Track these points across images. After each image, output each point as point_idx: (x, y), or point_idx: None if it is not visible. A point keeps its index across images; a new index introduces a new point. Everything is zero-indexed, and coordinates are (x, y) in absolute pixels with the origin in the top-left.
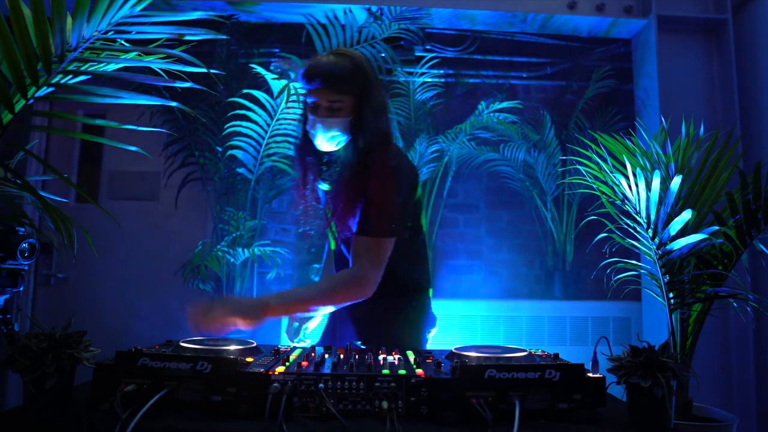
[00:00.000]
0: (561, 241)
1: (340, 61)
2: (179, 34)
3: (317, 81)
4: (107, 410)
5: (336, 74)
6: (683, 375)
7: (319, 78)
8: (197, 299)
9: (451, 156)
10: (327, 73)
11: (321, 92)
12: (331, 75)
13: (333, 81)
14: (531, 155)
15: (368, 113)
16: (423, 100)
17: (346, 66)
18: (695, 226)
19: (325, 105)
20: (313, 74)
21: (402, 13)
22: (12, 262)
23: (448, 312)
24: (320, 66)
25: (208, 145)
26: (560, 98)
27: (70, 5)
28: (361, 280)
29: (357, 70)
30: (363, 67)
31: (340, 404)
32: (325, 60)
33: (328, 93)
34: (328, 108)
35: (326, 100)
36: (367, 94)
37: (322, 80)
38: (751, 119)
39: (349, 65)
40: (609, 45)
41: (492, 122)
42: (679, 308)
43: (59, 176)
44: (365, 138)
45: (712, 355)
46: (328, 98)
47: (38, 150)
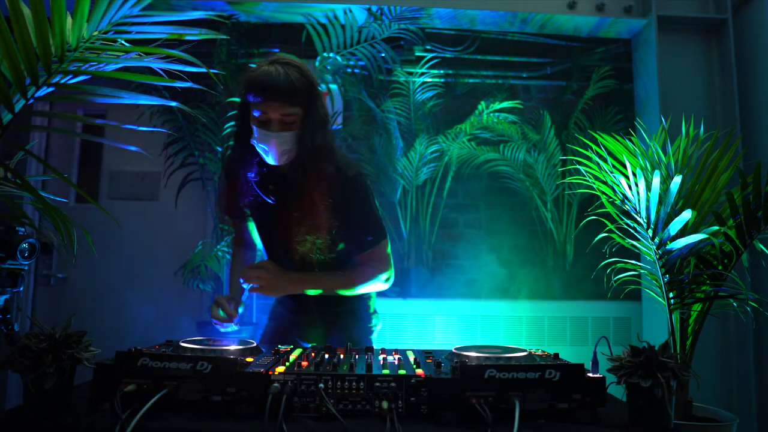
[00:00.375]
0: (561, 241)
1: (291, 73)
2: (179, 34)
3: (271, 94)
4: (107, 410)
5: (289, 87)
6: (683, 375)
7: (273, 91)
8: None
9: (451, 156)
10: (281, 85)
11: (274, 105)
12: (285, 88)
13: (287, 94)
14: (531, 155)
15: (317, 123)
16: (423, 100)
17: (297, 77)
18: (695, 226)
19: (277, 119)
20: (265, 87)
21: (402, 13)
22: (12, 262)
23: (448, 312)
24: (272, 78)
25: (208, 145)
26: (560, 98)
27: (70, 5)
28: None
29: (307, 81)
30: (311, 77)
31: (340, 404)
32: (274, 71)
33: (282, 106)
34: (281, 122)
35: (279, 113)
36: (314, 104)
37: (276, 93)
38: (751, 119)
39: (299, 76)
40: (609, 45)
41: (492, 122)
42: (679, 308)
43: (59, 176)
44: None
45: (712, 355)
46: (281, 112)
47: (38, 150)
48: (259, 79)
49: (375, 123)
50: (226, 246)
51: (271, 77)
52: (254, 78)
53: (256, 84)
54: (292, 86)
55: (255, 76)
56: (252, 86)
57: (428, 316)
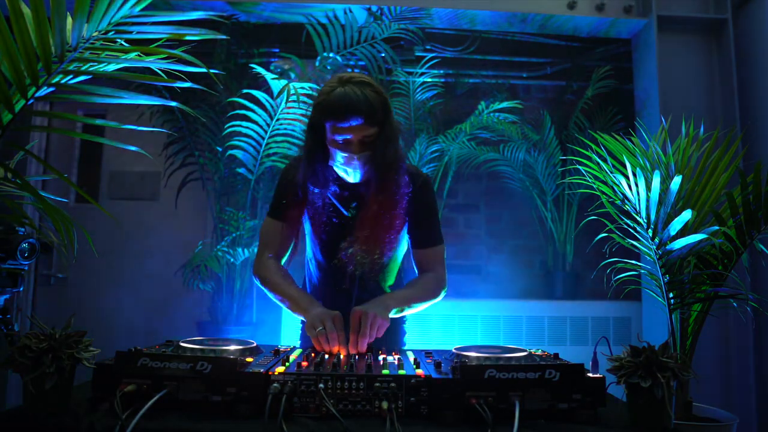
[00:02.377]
0: (561, 241)
1: (369, 94)
2: (179, 34)
3: (356, 118)
4: (107, 410)
5: (371, 109)
6: (683, 375)
7: (358, 115)
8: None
9: (451, 156)
10: (365, 109)
11: (357, 129)
12: (368, 111)
13: (370, 117)
14: (531, 155)
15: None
16: (423, 100)
17: (374, 96)
18: (695, 226)
19: (358, 140)
20: (350, 112)
21: (402, 13)
22: (12, 262)
23: (448, 312)
24: (352, 101)
25: (208, 145)
26: (560, 98)
27: (70, 5)
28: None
29: (381, 98)
30: (383, 93)
31: (340, 404)
32: (353, 94)
33: (363, 128)
34: (362, 142)
35: (361, 135)
36: (389, 120)
37: (360, 117)
38: (751, 119)
39: (376, 96)
40: (609, 45)
41: (492, 122)
42: (679, 308)
43: (59, 176)
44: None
45: (712, 355)
46: (363, 133)
47: (38, 150)
48: (338, 103)
49: None
50: (226, 246)
51: (350, 100)
52: (333, 102)
53: (335, 108)
54: (371, 107)
55: (334, 101)
56: (332, 110)
57: (428, 316)
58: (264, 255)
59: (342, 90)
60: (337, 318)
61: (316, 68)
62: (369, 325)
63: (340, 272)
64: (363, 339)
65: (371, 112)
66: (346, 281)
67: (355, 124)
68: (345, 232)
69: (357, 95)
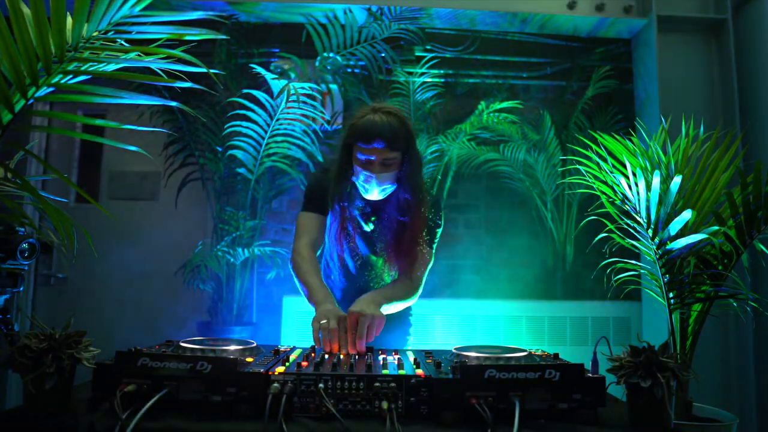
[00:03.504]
0: (561, 241)
1: (393, 122)
2: (179, 34)
3: (379, 142)
4: (107, 410)
5: (393, 136)
6: (683, 375)
7: (381, 139)
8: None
9: (451, 156)
10: (387, 135)
11: (379, 151)
12: (390, 137)
13: (391, 142)
14: (531, 155)
15: (413, 165)
16: (423, 100)
17: (399, 126)
18: (695, 226)
19: (379, 161)
20: (375, 136)
21: (402, 13)
22: (12, 262)
23: (449, 312)
24: (379, 128)
25: (208, 145)
26: (560, 98)
27: (70, 5)
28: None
29: (406, 129)
30: (409, 125)
31: (340, 404)
32: (379, 120)
33: (385, 152)
34: (382, 164)
35: (382, 157)
36: (412, 148)
37: (383, 141)
38: (751, 119)
39: (400, 125)
40: (609, 45)
41: (492, 122)
42: (679, 308)
43: (59, 176)
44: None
45: (712, 355)
46: (384, 156)
47: (38, 150)
48: (366, 127)
49: None
50: (226, 246)
51: (376, 126)
52: (362, 127)
53: (362, 132)
54: (394, 134)
55: (362, 125)
56: (359, 134)
57: (428, 316)
58: (299, 243)
59: (371, 117)
60: (342, 319)
61: (316, 68)
62: (367, 327)
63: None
64: (360, 340)
65: (393, 138)
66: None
67: (377, 146)
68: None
69: (383, 122)
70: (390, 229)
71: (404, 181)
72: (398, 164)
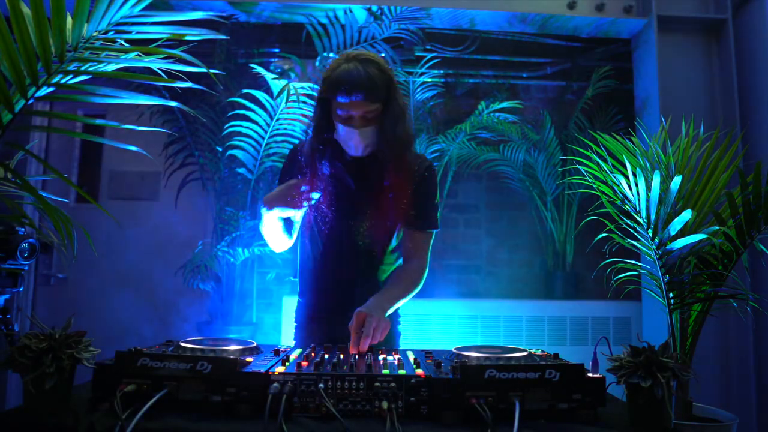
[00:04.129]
0: (561, 241)
1: (371, 70)
2: (179, 34)
3: (357, 95)
4: (107, 410)
5: (373, 86)
6: (683, 375)
7: (359, 92)
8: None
9: (451, 156)
10: (365, 86)
11: (358, 104)
12: (369, 87)
13: (370, 93)
14: (531, 155)
15: (395, 115)
16: (423, 100)
17: (377, 74)
18: (695, 226)
19: (360, 115)
20: (352, 89)
21: (402, 13)
22: (12, 262)
23: (449, 312)
24: (353, 77)
25: (208, 145)
26: (560, 98)
27: (70, 5)
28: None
29: (386, 76)
30: (388, 71)
31: (340, 404)
32: (355, 71)
33: (365, 104)
34: (363, 117)
35: (362, 110)
36: (393, 97)
37: (361, 94)
38: (751, 119)
39: (379, 72)
40: (609, 45)
41: (492, 122)
42: (679, 308)
43: (59, 176)
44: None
45: (712, 355)
46: (364, 109)
47: (38, 150)
48: (340, 78)
49: None
50: (226, 246)
51: (352, 76)
52: (336, 78)
53: (338, 84)
54: (373, 84)
55: (336, 77)
56: (334, 86)
57: (428, 316)
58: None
59: (346, 66)
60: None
61: (316, 68)
62: (373, 328)
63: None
64: (366, 339)
65: (372, 89)
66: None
67: (356, 100)
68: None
69: (359, 72)
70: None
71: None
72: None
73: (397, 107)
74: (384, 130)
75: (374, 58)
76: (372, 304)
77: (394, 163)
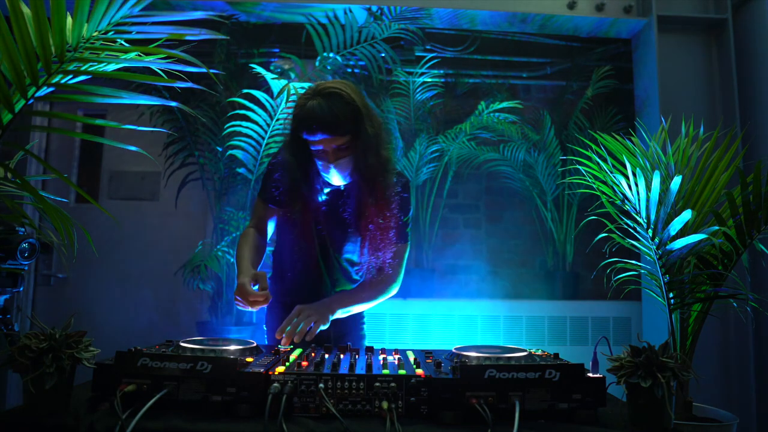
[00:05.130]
0: (561, 241)
1: (334, 104)
2: (179, 34)
3: (323, 132)
4: (107, 410)
5: (336, 122)
6: (683, 375)
7: (324, 130)
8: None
9: (451, 156)
10: (328, 123)
11: (327, 140)
12: (333, 124)
13: (336, 129)
14: (531, 155)
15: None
16: (423, 100)
17: (340, 107)
18: (695, 226)
19: (331, 150)
20: (315, 126)
21: (402, 13)
22: (12, 262)
23: (448, 312)
24: (318, 116)
25: (208, 145)
26: (560, 98)
27: (70, 5)
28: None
29: (351, 108)
30: (354, 101)
31: (340, 404)
32: (318, 108)
33: (333, 140)
34: (335, 152)
35: (332, 146)
36: (361, 126)
37: (326, 131)
38: (751, 119)
39: (342, 105)
40: (609, 45)
41: (492, 122)
42: (679, 308)
43: (59, 176)
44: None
45: (712, 355)
46: (333, 144)
47: (38, 150)
48: (306, 117)
49: None
50: (226, 246)
51: (315, 114)
52: (302, 116)
53: (304, 122)
54: (335, 119)
55: (303, 115)
56: (301, 124)
57: (428, 316)
58: (249, 225)
59: (311, 104)
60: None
61: (316, 68)
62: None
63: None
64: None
65: (337, 125)
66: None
67: (322, 137)
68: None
69: (323, 110)
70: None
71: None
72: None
73: (367, 136)
74: (357, 159)
75: (339, 89)
76: (318, 302)
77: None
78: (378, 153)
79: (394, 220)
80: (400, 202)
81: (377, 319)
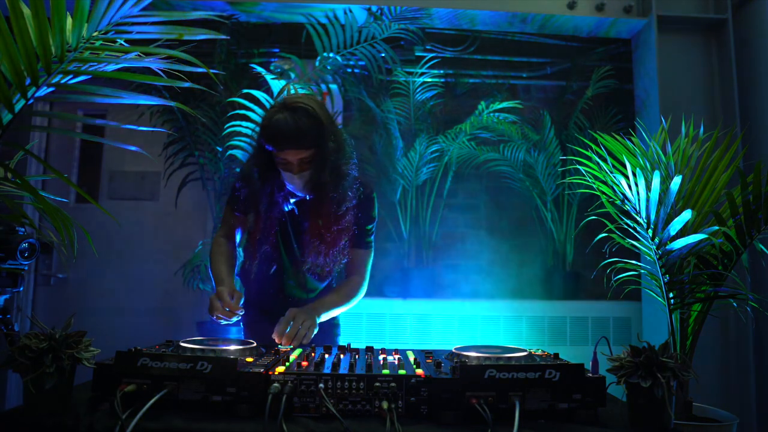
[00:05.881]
0: (561, 241)
1: (300, 118)
2: (179, 34)
3: (288, 145)
4: (107, 410)
5: (300, 135)
6: (683, 375)
7: (289, 143)
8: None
9: (451, 156)
10: (293, 137)
11: (290, 153)
12: (297, 138)
13: (300, 142)
14: (531, 155)
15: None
16: (423, 100)
17: (305, 122)
18: (695, 226)
19: (296, 162)
20: (282, 140)
21: (402, 13)
22: (12, 262)
23: (449, 312)
24: (285, 131)
25: (208, 145)
26: (560, 98)
27: (70, 5)
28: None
29: (316, 123)
30: (319, 116)
31: (340, 404)
32: (284, 122)
33: (297, 152)
34: (300, 164)
35: (297, 158)
36: (324, 140)
37: (291, 144)
38: (751, 119)
39: (307, 119)
40: (609, 45)
41: (492, 122)
42: (679, 308)
43: (59, 176)
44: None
45: (712, 355)
46: (297, 156)
47: (38, 150)
48: (272, 130)
49: (375, 123)
50: None
51: (281, 128)
52: (269, 129)
53: (270, 135)
54: (300, 132)
55: (270, 128)
56: (268, 137)
57: (428, 316)
58: (219, 234)
59: (278, 117)
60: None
61: (316, 68)
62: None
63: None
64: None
65: (301, 138)
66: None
67: (287, 149)
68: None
69: (288, 123)
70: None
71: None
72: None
73: (328, 150)
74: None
75: (306, 104)
76: (307, 307)
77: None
78: (338, 166)
79: (356, 229)
80: (363, 212)
81: (377, 319)
